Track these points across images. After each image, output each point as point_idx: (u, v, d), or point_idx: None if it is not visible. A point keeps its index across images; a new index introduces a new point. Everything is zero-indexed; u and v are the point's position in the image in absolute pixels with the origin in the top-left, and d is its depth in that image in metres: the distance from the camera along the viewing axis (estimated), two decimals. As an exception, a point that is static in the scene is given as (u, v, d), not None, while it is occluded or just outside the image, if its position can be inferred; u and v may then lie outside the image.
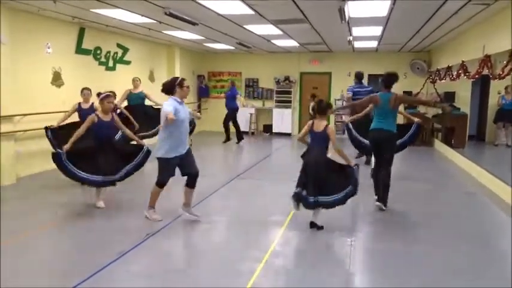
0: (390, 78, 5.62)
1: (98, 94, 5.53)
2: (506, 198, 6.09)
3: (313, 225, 4.77)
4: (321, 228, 4.76)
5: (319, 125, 4.67)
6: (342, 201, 4.64)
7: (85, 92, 6.83)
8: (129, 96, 8.45)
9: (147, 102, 8.65)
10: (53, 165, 5.26)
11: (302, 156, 4.83)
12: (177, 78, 4.89)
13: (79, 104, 6.78)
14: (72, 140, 5.16)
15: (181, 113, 4.66)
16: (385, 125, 5.49)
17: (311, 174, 4.60)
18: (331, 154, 4.78)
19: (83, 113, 6.57)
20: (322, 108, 4.72)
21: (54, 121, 7.63)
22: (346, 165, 4.67)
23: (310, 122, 4.80)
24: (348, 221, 5.26)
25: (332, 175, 4.65)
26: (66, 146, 5.12)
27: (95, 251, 4.15)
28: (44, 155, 7.64)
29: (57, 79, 8.05)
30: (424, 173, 8.17)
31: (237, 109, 11.99)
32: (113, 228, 4.82)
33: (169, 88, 4.79)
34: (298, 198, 4.66)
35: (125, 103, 8.44)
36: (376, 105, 5.61)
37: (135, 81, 8.62)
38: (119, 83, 9.06)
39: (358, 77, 9.04)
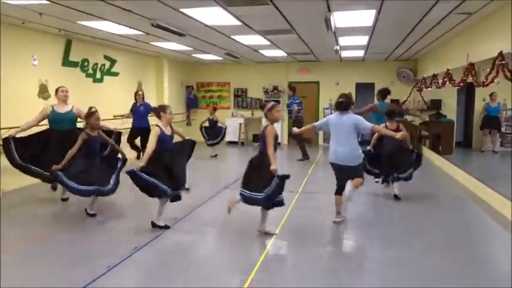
0: (385, 93, 7.94)
1: (261, 106, 5.10)
2: (494, 204, 6.15)
3: (396, 197, 6.50)
4: (399, 198, 6.48)
5: (392, 126, 6.41)
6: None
7: (170, 109, 5.10)
8: (50, 117, 5.96)
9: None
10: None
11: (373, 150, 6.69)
12: (351, 95, 5.49)
13: (161, 130, 4.93)
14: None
15: None
16: None
17: (388, 160, 6.44)
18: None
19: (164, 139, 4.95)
20: (391, 114, 6.55)
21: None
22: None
23: (383, 125, 6.34)
24: (337, 229, 5.25)
25: (403, 157, 6.43)
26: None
27: (82, 265, 4.07)
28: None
29: (43, 92, 7.98)
30: (412, 180, 8.20)
31: (149, 130, 8.42)
32: (101, 242, 4.74)
33: (349, 104, 5.18)
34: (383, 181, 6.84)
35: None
36: (377, 111, 7.65)
37: (62, 92, 6.08)
38: (107, 95, 9.01)
39: (293, 90, 10.91)
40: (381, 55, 12.06)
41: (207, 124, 11.22)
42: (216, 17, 6.62)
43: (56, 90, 6.30)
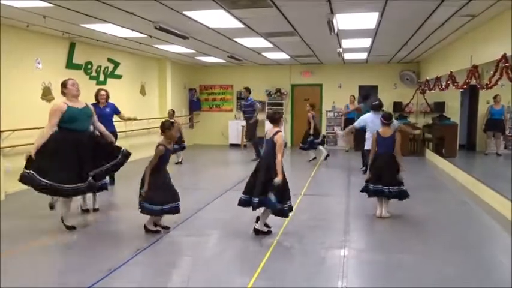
0: (367, 97, 9.13)
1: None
2: (498, 207, 6.11)
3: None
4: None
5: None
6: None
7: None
8: (67, 115, 4.84)
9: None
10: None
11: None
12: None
13: None
14: None
15: None
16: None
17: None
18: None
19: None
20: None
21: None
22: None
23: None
24: (340, 232, 5.23)
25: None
26: None
27: (84, 267, 4.07)
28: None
29: (47, 94, 8.01)
30: (415, 183, 8.16)
31: (115, 135, 7.28)
32: (102, 244, 4.74)
33: (381, 106, 7.34)
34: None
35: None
36: (360, 112, 9.19)
37: (72, 86, 5.00)
38: (110, 97, 9.02)
39: (249, 91, 11.02)
40: (384, 57, 12.04)
41: None
42: (219, 19, 6.63)
43: (64, 84, 4.97)
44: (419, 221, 5.71)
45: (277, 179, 4.57)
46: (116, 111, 7.66)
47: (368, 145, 6.46)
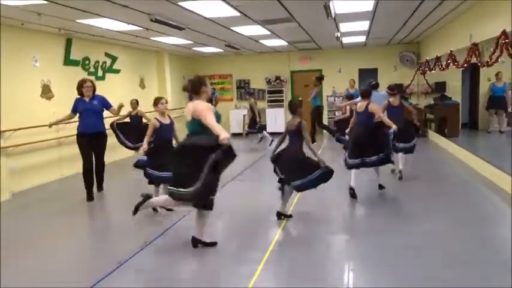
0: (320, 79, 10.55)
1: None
2: (502, 184, 6.11)
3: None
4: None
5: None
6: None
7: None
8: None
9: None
10: (48, 179, 5.21)
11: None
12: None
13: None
14: None
15: None
16: None
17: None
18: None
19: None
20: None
21: (45, 134, 7.62)
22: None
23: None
24: (345, 214, 5.25)
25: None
26: None
27: (95, 260, 4.12)
28: (37, 169, 7.61)
29: (46, 92, 8.00)
30: (419, 163, 8.17)
31: (105, 136, 6.58)
32: (112, 236, 4.78)
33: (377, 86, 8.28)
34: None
35: None
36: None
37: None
38: (109, 92, 9.01)
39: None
40: (382, 40, 11.94)
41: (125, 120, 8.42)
42: (215, 8, 6.57)
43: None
44: (425, 201, 5.71)
45: (394, 127, 5.57)
46: (105, 105, 6.51)
47: None
